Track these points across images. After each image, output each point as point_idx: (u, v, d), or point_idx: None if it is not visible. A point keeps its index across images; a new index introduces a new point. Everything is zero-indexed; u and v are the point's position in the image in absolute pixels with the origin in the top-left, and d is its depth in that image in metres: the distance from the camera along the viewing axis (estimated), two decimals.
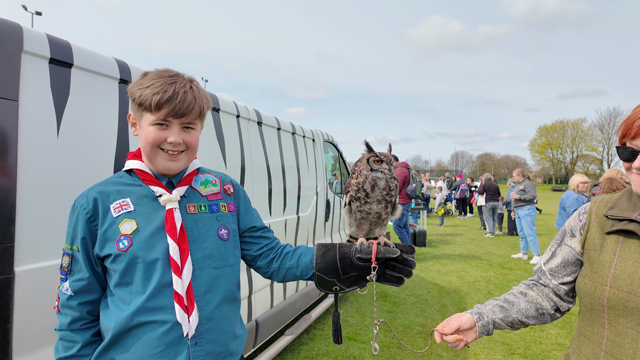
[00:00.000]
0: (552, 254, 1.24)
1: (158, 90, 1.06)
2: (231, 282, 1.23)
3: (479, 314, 1.22)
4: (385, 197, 1.24)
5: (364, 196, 1.23)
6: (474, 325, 1.20)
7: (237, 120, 2.83)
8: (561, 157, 60.37)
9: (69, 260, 1.10)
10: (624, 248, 1.03)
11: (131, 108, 1.15)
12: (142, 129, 1.12)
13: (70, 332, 1.10)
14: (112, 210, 1.10)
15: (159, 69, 1.14)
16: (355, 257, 1.23)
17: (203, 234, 1.18)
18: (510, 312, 1.22)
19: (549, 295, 1.23)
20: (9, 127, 1.38)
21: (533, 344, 3.96)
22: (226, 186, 1.31)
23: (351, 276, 1.26)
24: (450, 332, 1.18)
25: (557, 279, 1.21)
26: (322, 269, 1.26)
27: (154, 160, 1.14)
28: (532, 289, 1.27)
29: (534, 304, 1.23)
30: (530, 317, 1.22)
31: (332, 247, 1.29)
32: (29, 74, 1.46)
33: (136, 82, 1.12)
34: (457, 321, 1.19)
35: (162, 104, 1.07)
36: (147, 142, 1.11)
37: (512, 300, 1.25)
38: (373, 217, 1.26)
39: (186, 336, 1.10)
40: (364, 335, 4.06)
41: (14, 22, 1.44)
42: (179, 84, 1.09)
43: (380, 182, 1.23)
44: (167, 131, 1.11)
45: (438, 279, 6.38)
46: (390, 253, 1.20)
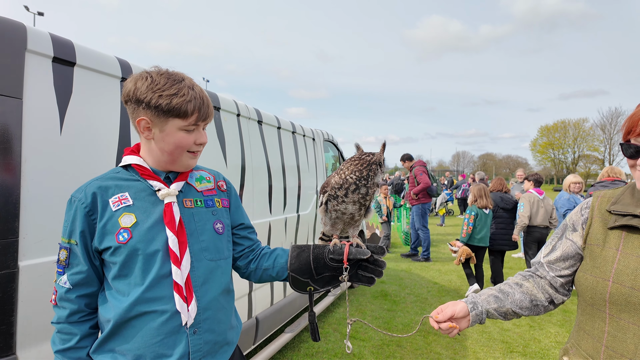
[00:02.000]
0: (553, 247, 1.25)
1: (189, 98, 1.10)
2: (226, 275, 1.29)
3: (473, 303, 1.23)
4: (361, 199, 1.28)
5: (342, 195, 1.26)
6: (467, 314, 1.21)
7: (237, 119, 2.86)
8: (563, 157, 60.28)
9: (66, 254, 1.12)
10: (627, 243, 1.03)
11: (144, 113, 1.12)
12: (166, 134, 1.13)
13: (69, 325, 1.12)
14: (111, 204, 1.12)
15: (158, 69, 1.15)
16: (328, 258, 1.27)
17: (200, 227, 1.22)
18: (504, 303, 1.23)
19: (544, 287, 1.24)
20: (13, 125, 1.41)
21: (532, 342, 3.98)
22: (219, 183, 1.36)
23: (325, 276, 1.30)
24: (443, 319, 1.20)
25: (554, 272, 1.22)
26: (296, 269, 1.30)
27: (178, 160, 1.18)
28: (528, 280, 1.28)
29: (529, 295, 1.24)
30: (524, 308, 1.24)
31: (306, 248, 1.34)
32: (33, 73, 1.48)
33: (148, 87, 1.10)
34: (451, 309, 1.20)
35: (194, 110, 1.12)
36: (177, 147, 1.15)
37: (507, 290, 1.26)
38: (347, 217, 1.30)
39: (185, 325, 1.13)
40: (363, 333, 4.08)
41: (18, 22, 1.47)
42: (196, 88, 1.15)
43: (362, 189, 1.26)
44: (194, 134, 1.16)
45: (438, 278, 6.40)
46: (361, 254, 1.24)
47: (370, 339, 3.94)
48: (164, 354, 1.10)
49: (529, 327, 4.37)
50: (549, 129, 60.74)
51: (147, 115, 1.12)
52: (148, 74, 1.12)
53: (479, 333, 4.18)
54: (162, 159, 1.18)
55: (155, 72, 1.13)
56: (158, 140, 1.15)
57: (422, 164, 7.54)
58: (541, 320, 4.60)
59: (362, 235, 5.95)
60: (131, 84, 1.12)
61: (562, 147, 59.57)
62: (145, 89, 1.09)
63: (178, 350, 1.11)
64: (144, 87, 1.09)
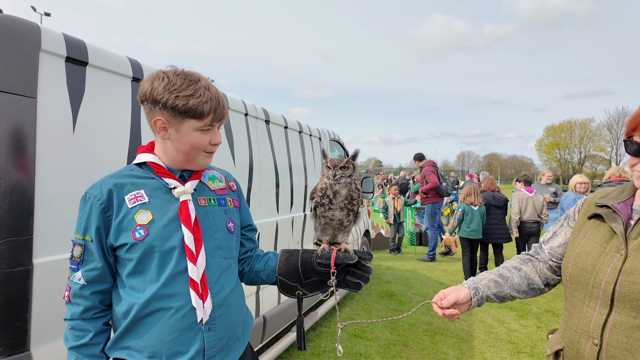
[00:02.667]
0: (554, 234, 1.32)
1: (205, 100, 1.11)
2: (235, 273, 1.32)
3: (475, 288, 1.26)
4: (347, 205, 1.30)
5: (327, 202, 1.29)
6: (470, 299, 1.24)
7: (245, 119, 2.87)
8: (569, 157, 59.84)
9: (81, 250, 1.13)
10: (595, 231, 1.14)
11: (160, 113, 1.12)
12: (182, 134, 1.14)
13: (82, 322, 1.12)
14: (127, 201, 1.13)
15: (174, 69, 1.15)
16: (315, 263, 1.29)
17: (214, 226, 1.23)
18: (503, 288, 1.28)
19: (542, 270, 1.30)
20: (27, 124, 1.42)
21: (540, 343, 3.95)
22: (230, 183, 1.38)
23: (313, 281, 1.32)
24: (448, 305, 1.22)
25: (555, 258, 1.28)
26: (285, 273, 1.33)
27: (194, 160, 1.20)
28: (526, 264, 1.33)
29: (526, 279, 1.30)
30: (521, 292, 1.29)
31: (295, 252, 1.36)
32: (47, 72, 1.50)
33: (165, 88, 1.10)
34: (455, 295, 1.23)
35: (210, 111, 1.13)
36: (193, 147, 1.16)
37: (507, 275, 1.30)
38: (336, 223, 1.32)
39: (200, 322, 1.14)
40: (369, 332, 4.08)
41: (32, 22, 1.49)
42: (211, 89, 1.16)
43: (343, 191, 1.30)
44: (209, 133, 1.18)
45: (444, 278, 6.38)
46: (348, 259, 1.27)
47: (377, 338, 3.94)
48: (180, 351, 1.11)
49: (536, 328, 4.35)
50: (554, 129, 60.30)
51: (164, 116, 1.12)
52: (164, 74, 1.12)
53: (486, 333, 4.17)
54: (178, 158, 1.19)
55: (171, 72, 1.13)
56: (174, 140, 1.16)
57: (432, 164, 7.58)
58: (548, 320, 4.58)
59: (368, 235, 5.95)
60: (148, 84, 1.12)
61: (568, 147, 59.13)
62: (162, 90, 1.09)
63: (194, 347, 1.12)
64: (161, 87, 1.10)
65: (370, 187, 5.60)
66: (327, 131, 4.68)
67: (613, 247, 1.06)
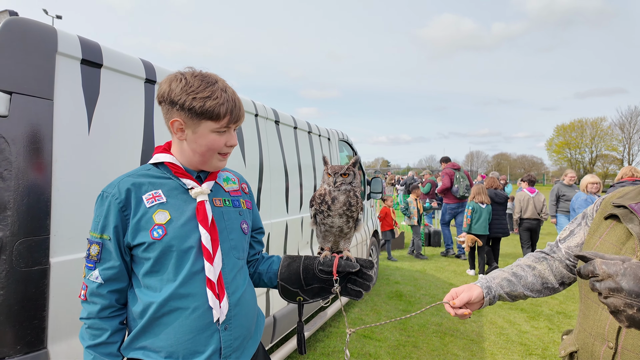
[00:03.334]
0: (571, 232, 1.28)
1: (222, 101, 1.12)
2: (247, 273, 1.34)
3: (488, 287, 1.24)
4: (346, 212, 1.29)
5: (326, 209, 1.29)
6: (482, 298, 1.22)
7: (255, 119, 2.88)
8: (580, 157, 59.04)
9: (98, 249, 1.13)
10: (611, 232, 1.11)
11: (177, 114, 1.13)
12: (198, 136, 1.15)
13: (99, 320, 1.13)
14: (145, 200, 1.14)
15: (192, 71, 1.16)
16: (317, 269, 1.30)
17: (229, 226, 1.25)
18: (516, 287, 1.25)
19: (558, 269, 1.27)
20: (44, 125, 1.45)
21: (552, 345, 3.91)
22: (243, 185, 1.40)
23: (314, 288, 1.32)
24: (460, 304, 1.20)
25: (571, 257, 1.25)
26: (286, 278, 1.33)
27: (209, 161, 1.20)
28: (541, 262, 1.30)
29: (541, 278, 1.27)
30: (535, 291, 1.27)
31: (297, 258, 1.36)
32: (63, 74, 1.53)
33: (182, 89, 1.11)
34: (467, 295, 1.21)
35: (226, 113, 1.14)
36: (209, 148, 1.17)
37: (520, 273, 1.27)
38: (336, 230, 1.32)
39: (217, 322, 1.15)
40: (379, 333, 4.07)
41: (49, 25, 1.52)
42: (228, 91, 1.16)
43: (341, 197, 1.29)
44: (225, 135, 1.18)
45: (454, 279, 6.34)
46: (350, 267, 1.26)
47: (386, 339, 3.93)
48: (197, 350, 1.12)
49: (547, 330, 4.30)
50: (565, 128, 59.54)
51: (181, 117, 1.13)
52: (182, 75, 1.13)
53: (497, 335, 4.13)
54: (194, 159, 1.20)
55: (189, 74, 1.13)
56: (190, 141, 1.16)
57: (452, 166, 8.06)
58: (560, 323, 4.52)
59: (377, 236, 5.94)
60: (166, 85, 1.13)
61: (579, 147, 58.33)
62: (180, 91, 1.10)
63: (210, 347, 1.13)
64: (178, 89, 1.11)
65: (379, 188, 5.59)
66: (336, 131, 4.68)
67: (629, 248, 1.03)
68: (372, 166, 58.70)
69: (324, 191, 1.32)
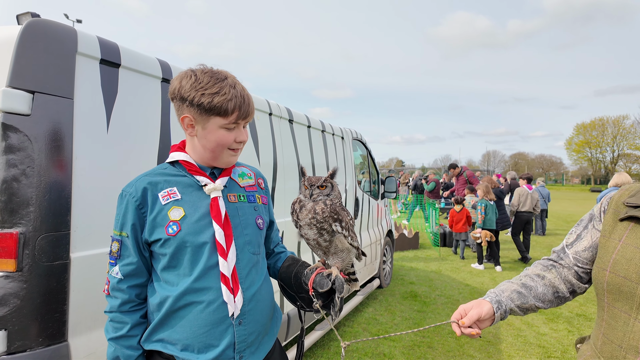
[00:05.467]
0: (578, 236, 1.21)
1: (230, 97, 1.12)
2: (264, 268, 1.33)
3: (498, 302, 1.16)
4: (316, 224, 1.21)
5: (295, 218, 1.25)
6: (493, 314, 1.14)
7: (269, 118, 2.90)
8: (601, 156, 57.48)
9: (118, 246, 1.17)
10: (631, 234, 1.03)
11: (188, 111, 1.15)
12: (208, 132, 1.16)
13: (120, 314, 1.17)
14: (161, 198, 1.16)
15: (203, 67, 1.18)
16: (303, 279, 1.26)
17: (244, 222, 1.25)
18: (527, 299, 1.18)
19: (567, 278, 1.19)
20: (65, 124, 1.49)
21: (571, 348, 3.82)
22: (259, 180, 1.41)
23: (304, 297, 1.27)
24: (470, 323, 1.12)
25: (581, 263, 1.18)
26: (285, 279, 1.32)
27: (219, 157, 1.21)
28: (550, 270, 1.22)
29: (552, 288, 1.19)
30: (547, 302, 1.19)
31: (296, 262, 1.33)
32: (83, 74, 1.56)
33: (192, 86, 1.12)
34: (477, 312, 1.12)
35: (234, 109, 1.14)
36: (218, 144, 1.17)
37: (530, 284, 1.20)
38: (312, 242, 1.25)
39: (231, 316, 1.16)
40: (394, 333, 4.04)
41: (70, 26, 1.56)
42: (238, 87, 1.17)
43: (308, 204, 1.23)
44: (234, 132, 1.19)
45: (470, 279, 6.25)
46: (319, 286, 1.20)
47: (401, 339, 3.90)
48: (211, 344, 1.14)
49: (567, 332, 4.20)
50: (585, 127, 58.05)
51: (191, 113, 1.15)
52: (193, 72, 1.15)
53: (514, 337, 4.06)
54: (205, 155, 1.21)
55: (199, 71, 1.15)
56: (200, 137, 1.18)
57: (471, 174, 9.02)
58: (580, 325, 4.41)
59: (391, 235, 5.90)
60: (177, 81, 1.15)
61: (600, 146, 56.78)
62: (189, 88, 1.12)
63: (224, 341, 1.15)
64: (188, 85, 1.13)
65: (393, 187, 5.55)
66: (350, 130, 4.67)
67: None
68: (387, 166, 58.36)
69: (297, 199, 1.28)
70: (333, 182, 1.29)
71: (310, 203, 1.24)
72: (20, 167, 1.37)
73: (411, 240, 8.64)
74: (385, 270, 5.62)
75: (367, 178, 5.48)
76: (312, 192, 1.25)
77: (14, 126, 1.37)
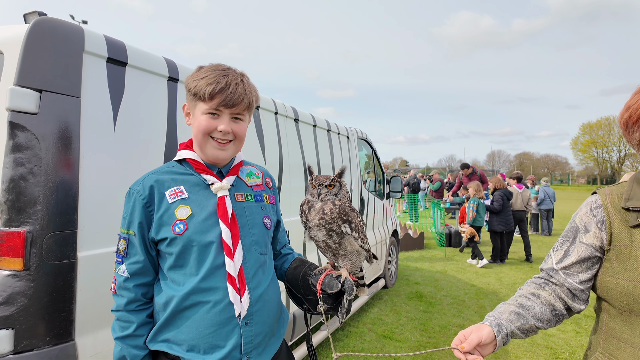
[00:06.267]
0: (565, 253, 1.16)
1: (212, 82, 1.13)
2: (272, 268, 1.32)
3: (498, 325, 1.09)
4: (324, 225, 1.18)
5: (304, 219, 1.23)
6: (493, 338, 1.08)
7: (275, 117, 2.89)
8: (607, 156, 57.01)
9: (125, 244, 1.16)
10: None
11: (186, 99, 1.21)
12: (195, 118, 1.19)
13: (127, 313, 1.15)
14: (168, 196, 1.15)
15: (212, 63, 1.20)
16: (311, 280, 1.24)
17: (251, 221, 1.24)
18: (527, 319, 1.12)
19: (560, 295, 1.15)
20: (72, 122, 1.48)
21: (580, 349, 3.78)
22: (267, 180, 1.39)
23: (311, 299, 1.24)
24: (470, 349, 1.05)
25: (572, 277, 1.13)
26: (291, 280, 1.30)
27: (204, 148, 1.19)
28: (543, 288, 1.17)
29: (548, 306, 1.14)
30: (545, 321, 1.13)
31: (304, 263, 1.31)
32: (89, 73, 1.56)
33: (192, 75, 1.18)
34: (477, 336, 1.06)
35: (215, 94, 1.13)
36: (199, 130, 1.17)
37: (527, 304, 1.14)
38: (322, 244, 1.23)
39: (238, 317, 1.14)
40: (399, 334, 4.01)
41: (77, 25, 1.55)
42: (231, 77, 1.15)
43: (317, 204, 1.21)
44: (218, 120, 1.17)
45: (475, 280, 6.21)
46: (328, 287, 1.17)
47: (407, 340, 3.88)
48: (218, 345, 1.12)
49: (575, 333, 4.15)
50: (591, 127, 57.59)
51: (187, 101, 1.21)
52: (202, 66, 1.20)
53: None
54: (197, 148, 1.22)
55: (209, 65, 1.19)
56: (192, 126, 1.21)
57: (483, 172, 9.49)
58: (588, 326, 4.36)
59: (396, 235, 5.87)
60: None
61: (607, 146, 56.31)
62: (190, 78, 1.18)
63: (231, 342, 1.13)
64: (191, 76, 1.18)
65: (399, 187, 5.53)
66: (355, 130, 4.65)
67: None
68: (391, 166, 58.23)
69: (305, 199, 1.26)
70: (341, 181, 1.27)
71: (319, 203, 1.22)
72: (28, 165, 1.37)
73: (416, 241, 8.60)
74: (390, 270, 5.60)
75: (372, 178, 5.46)
76: (320, 192, 1.23)
77: (21, 125, 1.36)
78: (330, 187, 1.24)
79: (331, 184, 1.24)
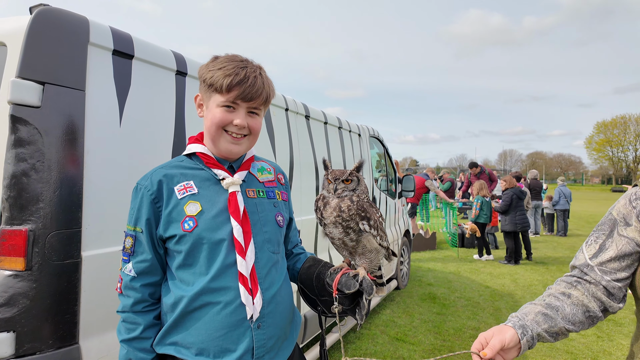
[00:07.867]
0: (601, 247, 1.06)
1: (230, 73, 1.06)
2: (284, 268, 1.25)
3: (522, 327, 1.00)
4: (341, 222, 1.12)
5: (319, 215, 1.17)
6: (518, 342, 0.99)
7: (286, 114, 2.82)
8: (622, 155, 55.79)
9: (132, 242, 1.10)
10: None
11: (200, 89, 1.15)
12: (209, 110, 1.12)
13: (133, 314, 1.10)
14: (177, 192, 1.09)
15: (229, 54, 1.14)
16: (326, 281, 1.17)
17: (263, 218, 1.17)
18: (556, 321, 1.02)
19: (596, 295, 1.04)
20: (76, 116, 1.42)
21: (601, 354, 3.63)
22: (279, 176, 1.33)
23: (326, 301, 1.18)
24: (493, 354, 0.95)
25: (610, 275, 1.03)
26: (305, 281, 1.24)
27: (217, 142, 1.13)
28: (575, 287, 1.07)
29: (581, 307, 1.04)
30: (577, 323, 1.03)
31: (317, 263, 1.24)
32: (95, 65, 1.50)
33: (207, 65, 1.12)
34: (499, 340, 0.97)
35: (233, 86, 1.07)
36: (213, 123, 1.10)
37: (556, 304, 1.05)
38: (338, 242, 1.17)
39: (250, 319, 1.08)
40: (412, 336, 3.91)
41: (82, 15, 1.49)
42: (249, 69, 1.09)
43: (333, 201, 1.14)
44: (234, 114, 1.11)
45: (490, 281, 6.06)
46: (345, 287, 1.10)
47: (420, 342, 3.78)
48: (228, 348, 1.06)
49: (596, 338, 4.00)
50: (606, 125, 56.45)
51: (201, 91, 1.14)
52: (217, 56, 1.13)
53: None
54: (208, 142, 1.16)
55: (224, 55, 1.13)
56: (205, 118, 1.15)
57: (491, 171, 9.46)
58: (610, 330, 4.20)
59: (408, 235, 5.76)
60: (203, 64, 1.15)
61: (622, 145, 55.15)
62: (205, 67, 1.11)
63: (242, 345, 1.06)
64: (206, 65, 1.11)
65: (411, 186, 5.42)
66: (367, 127, 4.56)
67: None
68: (401, 166, 57.94)
69: (321, 195, 1.19)
70: (359, 176, 1.19)
71: (335, 199, 1.14)
72: (30, 161, 1.31)
73: (428, 241, 8.46)
74: (402, 271, 5.49)
75: (384, 176, 5.36)
76: (337, 187, 1.15)
77: (23, 118, 1.31)
78: (347, 182, 1.16)
79: (348, 178, 1.16)
